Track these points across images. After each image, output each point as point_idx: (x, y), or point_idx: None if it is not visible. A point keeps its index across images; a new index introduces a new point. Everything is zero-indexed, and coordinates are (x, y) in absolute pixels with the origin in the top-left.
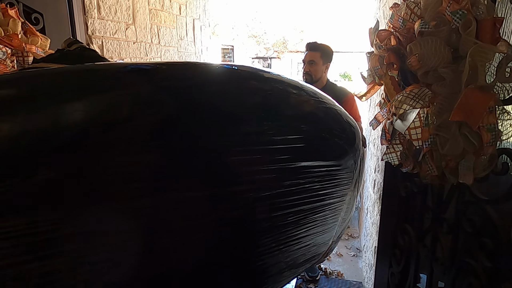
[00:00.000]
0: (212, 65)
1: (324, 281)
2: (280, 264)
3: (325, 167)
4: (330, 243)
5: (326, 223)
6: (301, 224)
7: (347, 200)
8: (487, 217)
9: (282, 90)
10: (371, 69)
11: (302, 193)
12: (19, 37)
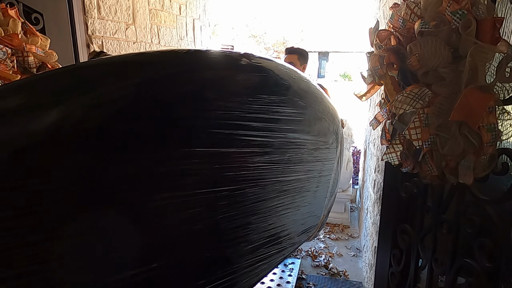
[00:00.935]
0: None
1: (324, 281)
2: (284, 232)
3: (316, 141)
4: (322, 215)
5: (319, 192)
6: (301, 191)
7: (333, 175)
8: (487, 217)
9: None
10: (371, 69)
11: (299, 164)
12: (19, 37)
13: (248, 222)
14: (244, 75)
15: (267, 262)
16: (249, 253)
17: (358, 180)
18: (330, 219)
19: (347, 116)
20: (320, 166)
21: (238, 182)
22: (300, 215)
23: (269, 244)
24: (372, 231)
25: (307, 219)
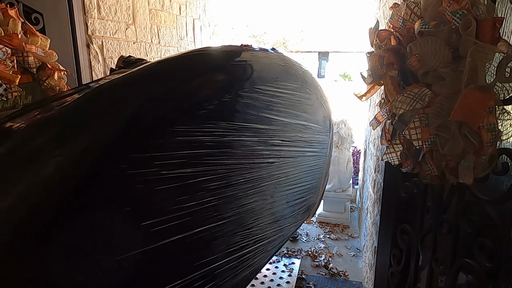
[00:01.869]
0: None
1: (324, 281)
2: (288, 209)
3: (317, 126)
4: (318, 196)
5: (315, 171)
6: (306, 170)
7: (327, 158)
8: (487, 217)
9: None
10: (371, 69)
11: (305, 146)
12: (19, 37)
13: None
14: (274, 64)
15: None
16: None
17: (358, 180)
18: (330, 219)
19: (347, 116)
20: (319, 149)
21: (266, 155)
22: (304, 189)
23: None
24: (372, 231)
25: (307, 195)
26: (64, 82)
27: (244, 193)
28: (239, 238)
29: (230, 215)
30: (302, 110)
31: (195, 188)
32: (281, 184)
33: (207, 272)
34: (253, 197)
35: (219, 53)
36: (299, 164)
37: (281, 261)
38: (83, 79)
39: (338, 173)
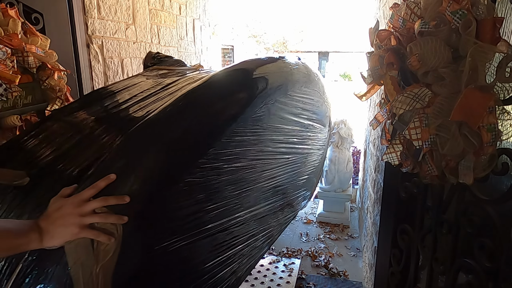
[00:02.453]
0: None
1: (324, 281)
2: (291, 195)
3: (322, 123)
4: (314, 186)
5: (314, 163)
6: (310, 161)
7: (324, 153)
8: (487, 217)
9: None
10: (371, 69)
11: (310, 142)
12: (19, 37)
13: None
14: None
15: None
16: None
17: (358, 180)
18: (330, 219)
19: (347, 116)
20: (320, 146)
21: (286, 152)
22: (305, 178)
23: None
24: (372, 231)
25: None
26: (64, 82)
27: (268, 183)
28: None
29: (261, 198)
30: (313, 111)
31: (241, 177)
32: (293, 175)
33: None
34: (272, 185)
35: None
36: (305, 160)
37: (281, 261)
38: (83, 79)
39: (338, 173)
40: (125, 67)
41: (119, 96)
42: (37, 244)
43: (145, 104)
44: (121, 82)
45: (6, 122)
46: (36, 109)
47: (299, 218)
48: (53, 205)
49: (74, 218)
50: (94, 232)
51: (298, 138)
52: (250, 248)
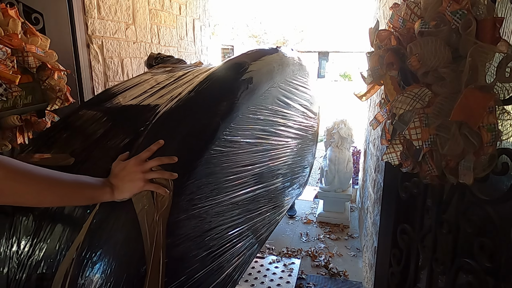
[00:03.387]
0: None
1: (324, 281)
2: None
3: (312, 111)
4: (306, 178)
5: (306, 154)
6: (304, 149)
7: (314, 148)
8: (487, 217)
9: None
10: (371, 69)
11: (302, 129)
12: (19, 37)
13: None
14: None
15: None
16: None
17: (358, 180)
18: (330, 219)
19: (347, 116)
20: (311, 134)
21: (285, 135)
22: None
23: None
24: (372, 231)
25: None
26: (64, 82)
27: (274, 160)
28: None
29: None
30: (305, 98)
31: (253, 150)
32: (290, 159)
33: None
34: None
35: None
36: (300, 146)
37: (281, 261)
38: (83, 79)
39: (338, 173)
40: (125, 67)
41: (139, 87)
42: (109, 197)
43: (168, 91)
44: (134, 78)
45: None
46: (36, 109)
47: (299, 218)
48: (117, 167)
49: (139, 174)
50: (155, 186)
51: (293, 122)
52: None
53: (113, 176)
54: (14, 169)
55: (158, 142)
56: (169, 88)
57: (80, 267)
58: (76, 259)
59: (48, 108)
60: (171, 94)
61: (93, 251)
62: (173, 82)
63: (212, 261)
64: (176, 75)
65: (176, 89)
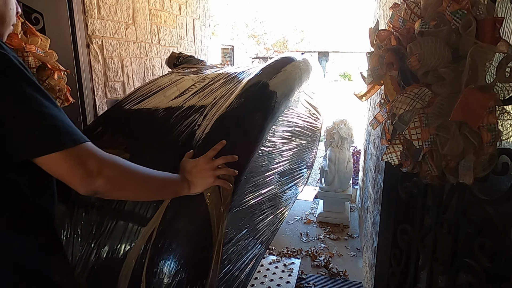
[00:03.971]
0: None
1: (324, 281)
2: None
3: (319, 117)
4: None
5: (309, 150)
6: (308, 145)
7: (317, 147)
8: (487, 217)
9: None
10: (371, 69)
11: (307, 130)
12: (19, 37)
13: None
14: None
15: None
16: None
17: (358, 180)
18: (330, 219)
19: (347, 116)
20: (316, 134)
21: (300, 135)
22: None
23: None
24: (372, 231)
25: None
26: (64, 82)
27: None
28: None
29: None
30: (315, 101)
31: (281, 149)
32: (297, 155)
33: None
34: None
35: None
36: (307, 144)
37: (281, 261)
38: (83, 79)
39: (338, 173)
40: (125, 67)
41: (174, 87)
42: (187, 192)
43: (208, 92)
44: (163, 78)
45: None
46: None
47: (299, 218)
48: (188, 164)
49: (209, 171)
50: (222, 181)
51: (306, 123)
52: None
53: (187, 173)
54: (133, 169)
55: (221, 142)
56: (208, 90)
57: (155, 256)
58: (150, 249)
59: None
60: (214, 95)
61: (167, 240)
62: (209, 83)
63: (244, 245)
64: (208, 76)
65: (217, 91)
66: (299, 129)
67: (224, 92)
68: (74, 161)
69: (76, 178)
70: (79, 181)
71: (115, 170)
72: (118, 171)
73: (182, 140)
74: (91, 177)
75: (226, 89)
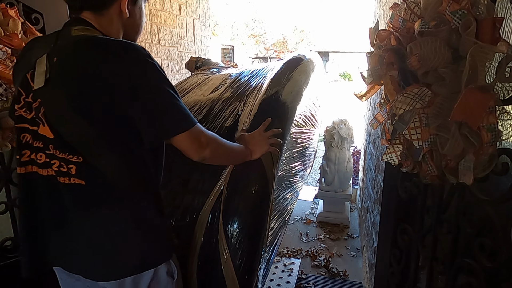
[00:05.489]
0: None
1: (324, 281)
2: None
3: (318, 106)
4: (313, 159)
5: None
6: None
7: (315, 148)
8: (487, 217)
9: None
10: (371, 69)
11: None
12: (19, 37)
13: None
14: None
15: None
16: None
17: (358, 180)
18: (330, 219)
19: (347, 116)
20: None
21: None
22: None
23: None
24: (372, 231)
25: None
26: None
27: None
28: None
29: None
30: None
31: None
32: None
33: None
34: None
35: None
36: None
37: (281, 261)
38: None
39: (338, 173)
40: None
41: (207, 85)
42: (249, 157)
43: (237, 87)
44: (193, 78)
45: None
46: None
47: (299, 218)
48: (246, 137)
49: (264, 141)
50: (273, 148)
51: (312, 111)
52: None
53: (248, 144)
54: (223, 142)
55: (268, 120)
56: (238, 84)
57: (226, 207)
58: (222, 202)
59: None
60: (245, 87)
61: (235, 194)
62: (237, 79)
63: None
64: (232, 74)
65: (247, 84)
66: (307, 118)
67: (255, 84)
68: (193, 137)
69: (193, 149)
70: (194, 151)
71: (216, 143)
72: (217, 144)
73: (228, 123)
74: (202, 148)
75: (255, 82)
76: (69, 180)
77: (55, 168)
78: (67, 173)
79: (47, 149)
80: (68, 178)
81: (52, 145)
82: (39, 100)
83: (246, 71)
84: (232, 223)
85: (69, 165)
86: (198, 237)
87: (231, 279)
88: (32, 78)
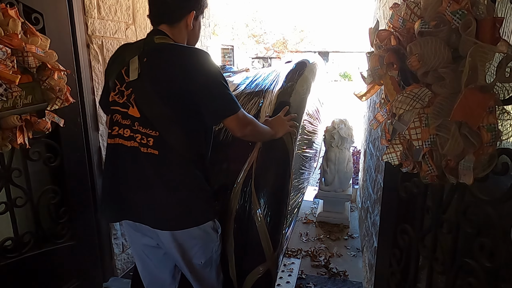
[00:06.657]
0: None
1: (324, 281)
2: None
3: (319, 102)
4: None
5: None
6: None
7: (319, 150)
8: (487, 217)
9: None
10: (371, 69)
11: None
12: (19, 37)
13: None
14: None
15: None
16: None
17: (358, 180)
18: (330, 219)
19: (347, 116)
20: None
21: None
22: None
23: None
24: (372, 231)
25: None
26: (64, 82)
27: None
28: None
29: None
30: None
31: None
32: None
33: None
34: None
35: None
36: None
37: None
38: (83, 79)
39: (338, 173)
40: None
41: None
42: (274, 136)
43: (256, 84)
44: None
45: (6, 122)
46: (36, 109)
47: (299, 218)
48: (272, 120)
49: (285, 123)
50: (292, 129)
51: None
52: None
53: (272, 125)
54: (258, 123)
55: (286, 107)
56: (256, 82)
57: (257, 177)
58: (254, 173)
59: (48, 108)
60: (260, 86)
61: (262, 169)
62: (254, 79)
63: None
64: (249, 76)
65: (263, 83)
66: (314, 112)
67: (270, 82)
68: (239, 119)
69: (239, 127)
70: (239, 129)
71: (254, 124)
72: (254, 125)
73: (252, 113)
74: (245, 127)
75: (269, 80)
76: (147, 150)
77: (138, 140)
78: (146, 144)
79: (133, 125)
80: (146, 149)
81: (137, 122)
82: (131, 89)
83: (259, 74)
84: (262, 189)
85: (148, 138)
86: (233, 204)
87: (264, 236)
88: (126, 73)
